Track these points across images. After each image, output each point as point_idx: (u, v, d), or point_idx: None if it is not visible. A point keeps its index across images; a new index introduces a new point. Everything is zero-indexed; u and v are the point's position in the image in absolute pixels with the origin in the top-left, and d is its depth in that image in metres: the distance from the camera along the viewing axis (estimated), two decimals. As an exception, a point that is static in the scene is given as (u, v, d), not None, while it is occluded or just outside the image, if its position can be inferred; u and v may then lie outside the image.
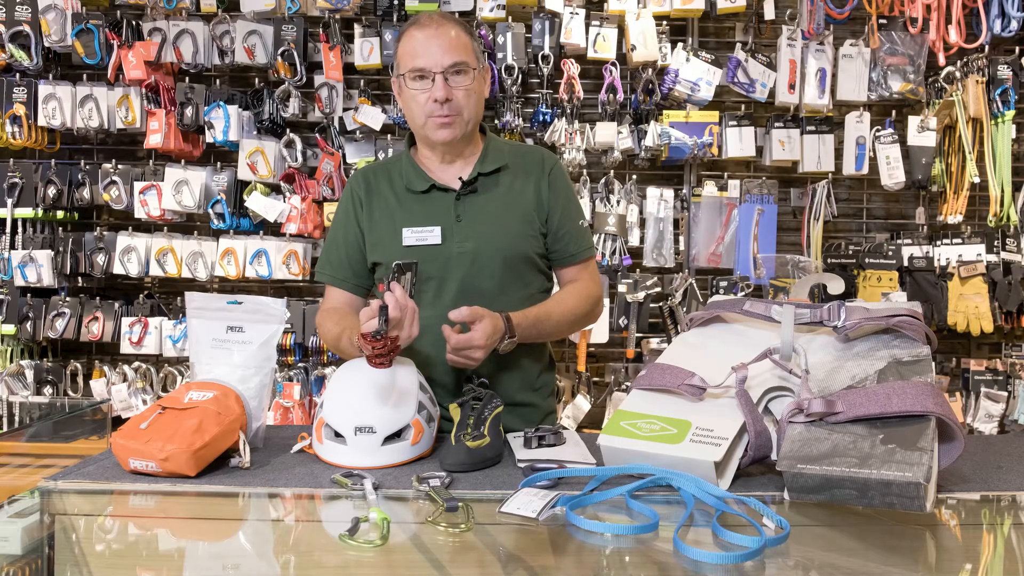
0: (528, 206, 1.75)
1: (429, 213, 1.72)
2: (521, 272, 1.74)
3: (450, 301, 1.66)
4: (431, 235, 1.70)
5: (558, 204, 1.77)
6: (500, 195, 1.74)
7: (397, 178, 1.76)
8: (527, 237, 1.74)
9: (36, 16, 3.16)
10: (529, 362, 1.78)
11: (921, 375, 1.24)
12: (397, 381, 1.46)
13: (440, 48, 1.62)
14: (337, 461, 1.39)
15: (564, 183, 1.82)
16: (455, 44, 1.63)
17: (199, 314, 1.52)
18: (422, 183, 1.73)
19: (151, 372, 3.33)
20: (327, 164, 3.25)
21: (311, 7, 3.22)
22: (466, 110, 1.66)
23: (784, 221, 3.36)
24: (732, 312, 1.49)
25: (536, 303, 1.75)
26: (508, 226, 1.73)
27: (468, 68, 1.64)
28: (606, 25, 3.21)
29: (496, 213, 1.72)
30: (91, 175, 3.32)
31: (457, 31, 1.65)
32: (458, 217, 1.71)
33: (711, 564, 1.00)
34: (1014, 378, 3.23)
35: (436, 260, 1.69)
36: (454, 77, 1.63)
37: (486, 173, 1.74)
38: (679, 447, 1.24)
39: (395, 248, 1.70)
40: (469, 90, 1.66)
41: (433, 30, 1.63)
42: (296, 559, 1.11)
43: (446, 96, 1.62)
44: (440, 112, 1.64)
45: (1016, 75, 3.14)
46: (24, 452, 2.03)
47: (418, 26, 1.65)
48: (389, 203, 1.74)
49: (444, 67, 1.62)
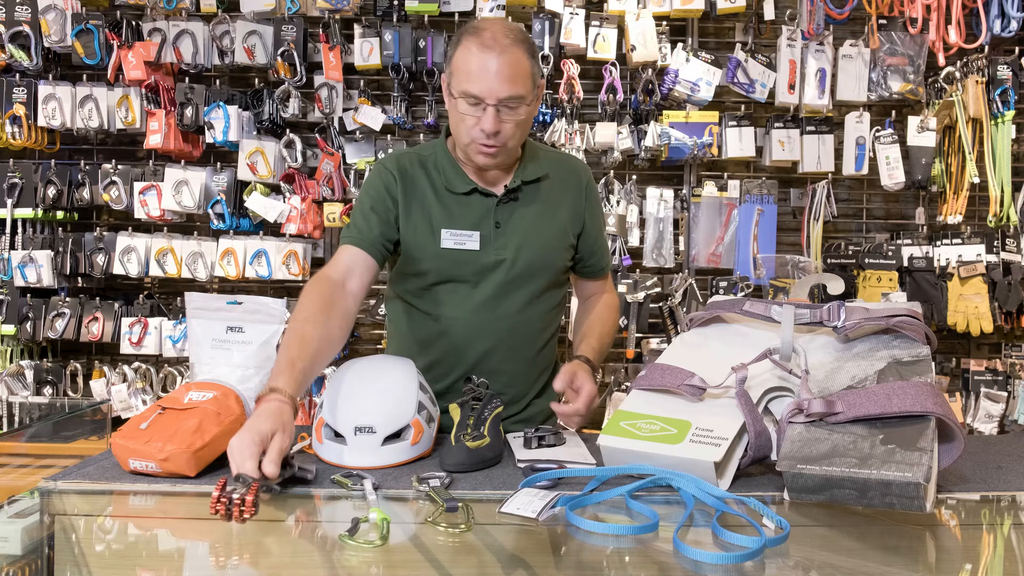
0: (564, 218, 1.74)
1: (468, 216, 1.67)
2: (550, 283, 1.74)
3: (479, 306, 1.68)
4: (470, 240, 1.66)
5: (593, 220, 1.80)
6: (538, 205, 1.72)
7: (436, 174, 1.70)
8: (560, 250, 1.74)
9: (36, 16, 3.16)
10: (538, 367, 1.80)
11: (921, 375, 1.24)
12: (397, 381, 1.46)
13: (499, 78, 1.51)
14: (337, 461, 1.39)
15: (597, 198, 1.83)
16: (515, 74, 1.53)
17: (199, 314, 1.52)
18: (464, 185, 1.68)
19: (151, 372, 3.33)
20: (327, 164, 3.25)
21: (311, 7, 3.22)
22: (512, 140, 1.60)
23: (784, 221, 3.36)
24: (732, 312, 1.49)
25: (555, 317, 1.80)
26: (545, 237, 1.71)
27: (522, 102, 1.56)
28: (606, 25, 3.21)
29: (534, 223, 1.70)
30: (91, 175, 3.32)
31: (519, 57, 1.54)
32: (497, 224, 1.68)
33: (711, 564, 1.00)
34: (1014, 378, 3.23)
35: (471, 265, 1.67)
36: (507, 110, 1.55)
37: (528, 181, 1.70)
38: (679, 447, 1.24)
39: (432, 249, 1.66)
40: (519, 122, 1.58)
41: (496, 55, 1.51)
42: (296, 559, 1.11)
43: (495, 129, 1.54)
44: (486, 142, 1.57)
45: (1016, 75, 3.14)
46: (24, 452, 2.03)
47: (480, 43, 1.53)
48: (427, 199, 1.68)
49: (499, 99, 1.53)
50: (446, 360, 1.72)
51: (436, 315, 1.71)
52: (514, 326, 1.70)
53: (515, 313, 1.69)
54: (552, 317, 1.79)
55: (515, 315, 1.69)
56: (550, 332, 1.81)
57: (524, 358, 1.76)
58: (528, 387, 1.79)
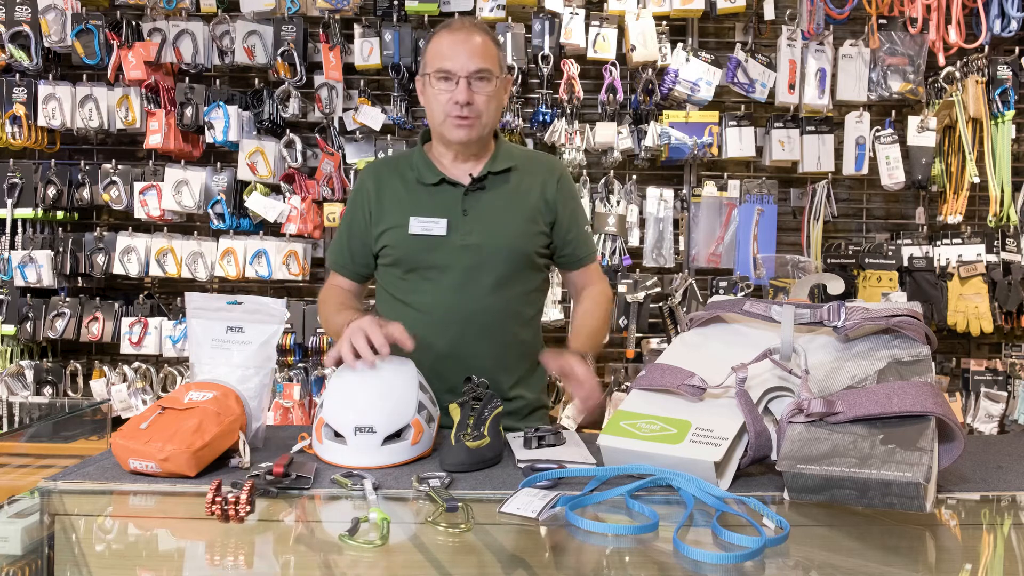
0: (533, 205, 1.81)
1: (437, 205, 1.77)
2: (521, 268, 1.80)
3: (448, 290, 1.75)
4: (437, 226, 1.75)
5: (566, 209, 1.85)
6: (507, 193, 1.80)
7: (408, 171, 1.83)
8: (530, 235, 1.80)
9: (36, 16, 3.16)
10: (517, 350, 1.83)
11: (921, 375, 1.24)
12: (397, 381, 1.46)
13: (467, 53, 1.68)
14: (337, 461, 1.39)
15: (571, 189, 1.91)
16: (482, 51, 1.70)
17: (199, 314, 1.52)
18: (432, 176, 1.79)
19: (151, 372, 3.33)
20: (327, 164, 3.25)
21: (311, 7, 3.22)
22: (485, 114, 1.73)
23: (784, 221, 3.36)
24: (732, 312, 1.49)
25: (532, 301, 1.86)
26: (512, 223, 1.79)
27: (492, 76, 1.71)
28: (606, 25, 3.21)
29: (501, 210, 1.78)
30: (91, 175, 3.32)
31: (485, 39, 1.72)
32: (464, 211, 1.77)
33: (711, 564, 1.00)
34: (1014, 378, 3.23)
35: (440, 251, 1.75)
36: (477, 83, 1.69)
37: (496, 172, 1.80)
38: (679, 447, 1.24)
39: (402, 235, 1.76)
40: (490, 96, 1.72)
41: (463, 35, 1.70)
42: (296, 559, 1.11)
43: (467, 99, 1.68)
44: (460, 113, 1.70)
45: (1016, 75, 3.14)
46: (24, 452, 2.03)
47: (449, 30, 1.73)
48: (399, 193, 1.81)
49: (469, 72, 1.68)
50: (422, 344, 1.71)
51: (410, 302, 1.79)
52: (484, 308, 1.76)
53: (484, 296, 1.75)
54: (526, 300, 1.84)
55: (485, 297, 1.75)
56: (526, 316, 1.85)
57: (500, 342, 1.79)
58: (507, 371, 1.80)
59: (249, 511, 1.14)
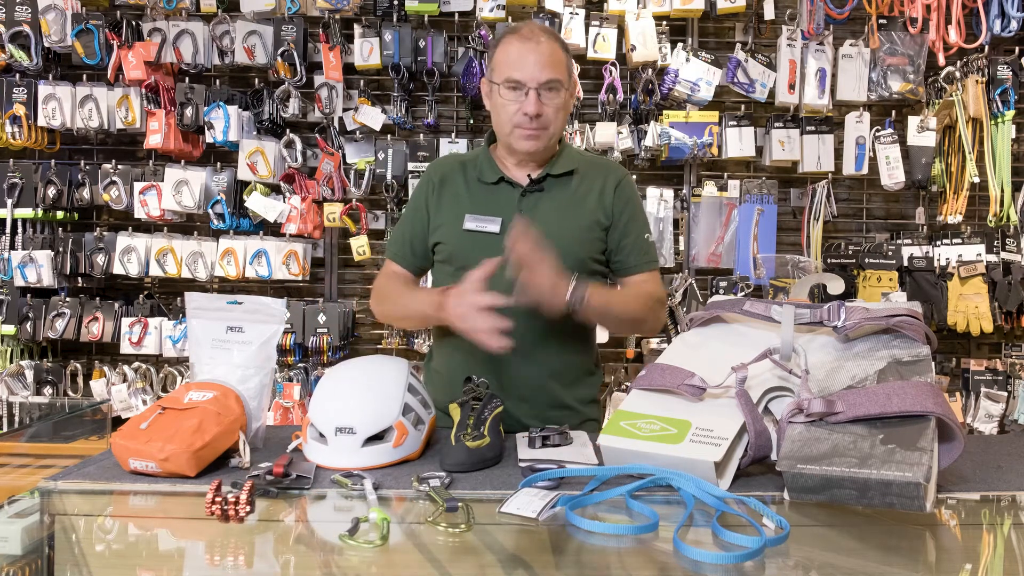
0: (590, 209, 1.78)
1: (493, 204, 1.77)
2: (572, 270, 1.70)
3: (501, 292, 1.64)
4: (491, 224, 1.74)
5: (623, 215, 1.80)
6: (565, 197, 1.78)
7: (471, 169, 1.82)
8: (584, 240, 1.77)
9: (36, 16, 3.16)
10: (574, 362, 1.80)
11: (921, 375, 1.24)
12: (383, 382, 1.45)
13: (538, 63, 1.65)
14: (319, 461, 1.38)
15: (630, 195, 1.84)
16: (552, 61, 1.66)
17: (199, 314, 1.52)
18: (492, 175, 1.78)
19: (151, 372, 3.33)
20: (327, 164, 3.25)
21: (311, 7, 3.22)
22: (553, 125, 1.71)
23: (784, 221, 3.36)
24: (732, 312, 1.49)
25: None
26: (567, 227, 1.75)
27: (561, 86, 1.68)
28: (606, 25, 3.21)
29: (558, 213, 1.76)
30: (91, 175, 3.32)
31: (555, 48, 1.69)
32: (520, 212, 1.74)
33: (711, 564, 1.00)
34: (1014, 378, 3.23)
35: (492, 249, 1.66)
36: (546, 93, 1.66)
37: (555, 175, 1.78)
38: (679, 447, 1.24)
39: (456, 231, 1.76)
40: (558, 107, 1.70)
41: (534, 44, 1.66)
42: (296, 559, 1.11)
43: (537, 111, 1.66)
44: (528, 125, 1.67)
45: (1016, 75, 3.14)
46: (24, 452, 2.03)
47: (520, 37, 1.69)
48: (459, 190, 1.80)
49: (539, 83, 1.65)
50: (473, 348, 1.65)
51: None
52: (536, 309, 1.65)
53: None
54: None
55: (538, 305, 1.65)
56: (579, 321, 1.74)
57: (553, 344, 1.75)
58: (564, 372, 1.77)
59: (249, 511, 1.14)
